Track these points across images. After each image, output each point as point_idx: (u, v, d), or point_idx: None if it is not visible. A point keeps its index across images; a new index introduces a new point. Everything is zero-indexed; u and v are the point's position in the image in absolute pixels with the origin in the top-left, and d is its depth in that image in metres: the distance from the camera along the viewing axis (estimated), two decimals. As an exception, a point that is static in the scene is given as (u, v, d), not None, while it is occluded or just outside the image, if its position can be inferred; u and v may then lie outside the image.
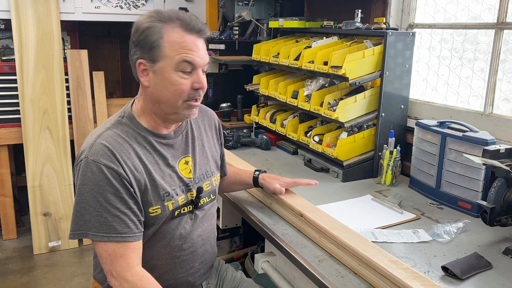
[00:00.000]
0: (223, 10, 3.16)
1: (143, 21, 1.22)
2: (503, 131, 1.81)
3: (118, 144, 1.23)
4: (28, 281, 2.79)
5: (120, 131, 1.26)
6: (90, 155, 1.19)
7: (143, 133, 1.30)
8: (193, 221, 1.39)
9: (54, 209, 3.11)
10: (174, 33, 1.21)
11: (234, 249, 2.76)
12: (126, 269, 1.19)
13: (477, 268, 1.32)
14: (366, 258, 1.25)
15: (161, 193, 1.29)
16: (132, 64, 1.27)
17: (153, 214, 1.28)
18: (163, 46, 1.20)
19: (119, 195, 1.19)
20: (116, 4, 3.21)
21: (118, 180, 1.19)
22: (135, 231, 1.22)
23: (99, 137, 1.23)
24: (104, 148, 1.20)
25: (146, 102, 1.30)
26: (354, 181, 2.06)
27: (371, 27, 2.10)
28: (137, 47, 1.23)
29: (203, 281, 1.50)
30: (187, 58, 1.21)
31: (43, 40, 2.97)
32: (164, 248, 1.34)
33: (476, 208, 1.67)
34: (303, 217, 1.53)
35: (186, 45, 1.21)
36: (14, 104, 3.06)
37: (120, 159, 1.20)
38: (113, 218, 1.18)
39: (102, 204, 1.17)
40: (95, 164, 1.18)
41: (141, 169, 1.25)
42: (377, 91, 2.07)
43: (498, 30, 1.85)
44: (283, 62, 2.42)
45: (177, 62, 1.21)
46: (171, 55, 1.21)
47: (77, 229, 1.19)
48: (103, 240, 1.18)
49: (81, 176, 1.19)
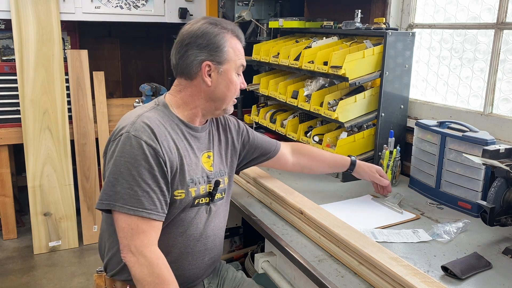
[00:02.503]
0: (223, 10, 3.16)
1: (209, 27, 1.36)
2: (503, 131, 1.81)
3: (157, 125, 1.31)
4: (28, 281, 2.79)
5: (157, 115, 1.35)
6: (132, 130, 1.27)
7: (176, 121, 1.39)
8: (208, 215, 1.44)
9: (54, 209, 3.11)
10: (233, 40, 1.40)
11: (234, 249, 2.76)
12: (146, 245, 1.23)
13: (477, 268, 1.32)
14: (366, 255, 1.25)
15: (187, 178, 1.36)
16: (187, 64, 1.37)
17: (177, 197, 1.34)
18: (228, 51, 1.38)
19: (153, 172, 1.25)
20: (116, 4, 3.21)
21: (154, 158, 1.26)
22: (159, 210, 1.27)
23: (141, 117, 1.31)
24: (145, 126, 1.28)
25: (194, 98, 1.41)
26: (354, 181, 2.06)
27: (371, 27, 2.10)
28: (204, 50, 1.35)
29: (205, 279, 1.52)
30: (243, 62, 1.44)
31: (43, 40, 2.97)
32: (180, 235, 1.38)
33: (476, 208, 1.67)
34: (303, 214, 1.54)
35: (241, 51, 1.43)
36: (14, 104, 3.06)
37: (159, 139, 1.28)
38: (142, 193, 1.24)
39: (135, 178, 1.23)
40: (135, 139, 1.25)
41: (175, 151, 1.33)
42: (377, 91, 2.07)
43: (497, 30, 1.85)
44: (283, 62, 2.42)
45: (238, 66, 1.42)
46: (234, 59, 1.40)
47: (106, 199, 1.24)
48: (129, 212, 1.23)
49: (120, 149, 1.25)
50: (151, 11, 3.32)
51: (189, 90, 1.40)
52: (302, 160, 1.81)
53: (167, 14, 3.37)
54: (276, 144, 1.75)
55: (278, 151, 1.74)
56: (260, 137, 1.71)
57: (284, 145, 1.79)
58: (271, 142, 1.74)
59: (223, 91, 1.40)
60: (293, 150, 1.82)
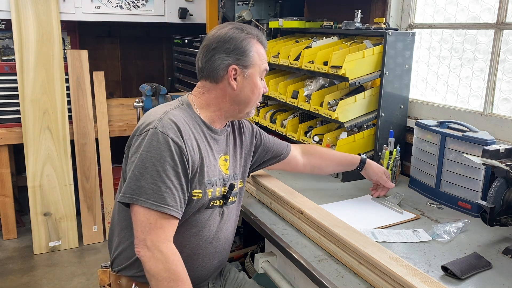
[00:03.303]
0: (223, 10, 3.16)
1: (236, 33, 1.39)
2: (502, 131, 1.81)
3: (182, 124, 1.33)
4: (28, 281, 2.79)
5: (182, 114, 1.37)
6: (159, 126, 1.28)
7: (198, 122, 1.41)
8: (221, 218, 1.45)
9: (54, 209, 3.12)
10: (258, 45, 1.43)
11: (234, 249, 2.76)
12: (163, 240, 1.24)
13: (477, 268, 1.32)
14: (365, 255, 1.25)
15: (206, 179, 1.37)
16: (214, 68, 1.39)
17: (194, 197, 1.35)
18: (253, 55, 1.41)
19: (177, 169, 1.27)
20: (116, 4, 3.21)
21: (179, 155, 1.28)
22: (179, 207, 1.28)
23: (168, 114, 1.33)
24: (172, 123, 1.30)
25: (219, 100, 1.43)
26: (354, 181, 2.06)
27: (371, 27, 2.10)
28: (231, 54, 1.38)
29: (210, 280, 1.53)
30: (267, 67, 1.47)
31: (43, 40, 2.97)
32: (194, 236, 1.39)
33: (476, 208, 1.67)
34: (303, 214, 1.54)
35: (265, 56, 1.46)
36: (14, 104, 3.06)
37: (184, 137, 1.30)
38: (166, 189, 1.25)
39: (159, 174, 1.25)
40: (162, 136, 1.27)
41: (197, 151, 1.35)
42: (377, 91, 2.07)
43: (497, 30, 1.85)
44: (283, 62, 2.42)
45: (262, 70, 1.45)
46: (259, 63, 1.43)
47: (130, 192, 1.25)
48: (151, 207, 1.23)
49: (147, 144, 1.27)
50: (151, 11, 3.33)
51: (213, 93, 1.42)
52: (312, 160, 1.82)
53: (167, 14, 3.37)
54: (286, 146, 1.76)
55: (289, 153, 1.76)
56: (271, 140, 1.72)
57: (294, 147, 1.81)
58: (282, 144, 1.75)
59: (248, 95, 1.43)
60: (303, 151, 1.83)
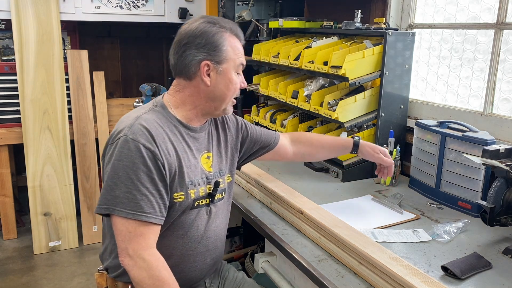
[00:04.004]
0: (223, 10, 3.16)
1: (207, 26, 1.34)
2: (502, 131, 1.81)
3: (155, 127, 1.29)
4: (28, 281, 2.79)
5: (155, 117, 1.34)
6: (130, 133, 1.25)
7: (174, 122, 1.38)
8: (208, 216, 1.43)
9: (54, 209, 3.11)
10: (232, 39, 1.38)
11: (234, 249, 2.76)
12: (144, 248, 1.22)
13: (477, 268, 1.32)
14: (366, 255, 1.25)
15: (186, 180, 1.34)
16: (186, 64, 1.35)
17: (177, 200, 1.33)
18: (226, 50, 1.35)
19: (151, 175, 1.24)
20: (116, 4, 3.21)
21: (152, 161, 1.25)
22: (158, 214, 1.26)
23: (138, 119, 1.29)
24: (143, 128, 1.26)
25: (194, 98, 1.39)
26: (354, 181, 2.06)
27: (371, 27, 2.11)
28: (202, 49, 1.33)
29: (207, 279, 1.52)
30: (243, 61, 1.41)
31: (43, 40, 2.97)
32: (181, 238, 1.38)
33: (476, 208, 1.67)
34: (303, 214, 1.54)
35: (241, 50, 1.41)
36: (14, 104, 3.06)
37: (157, 141, 1.27)
38: (141, 197, 1.23)
39: (133, 182, 1.22)
40: (133, 143, 1.24)
41: (173, 154, 1.32)
42: (377, 91, 2.07)
43: (497, 30, 1.85)
44: (283, 62, 2.42)
45: (237, 65, 1.39)
46: (233, 58, 1.37)
47: (105, 203, 1.23)
48: (128, 216, 1.22)
49: (118, 153, 1.24)
50: (151, 11, 3.32)
51: (188, 90, 1.39)
52: (302, 148, 1.79)
53: (167, 14, 3.37)
54: (275, 135, 1.73)
55: (278, 142, 1.72)
56: (258, 130, 1.69)
57: (283, 135, 1.78)
58: (270, 133, 1.72)
59: (223, 91, 1.38)
60: (292, 139, 1.80)
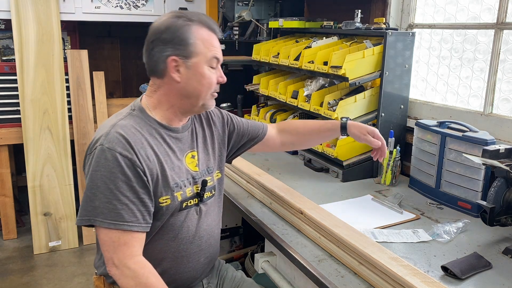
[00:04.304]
0: (223, 10, 3.16)
1: (172, 21, 1.29)
2: (502, 131, 1.81)
3: (133, 133, 1.26)
4: (28, 281, 2.79)
5: (133, 122, 1.31)
6: (106, 142, 1.22)
7: (154, 125, 1.34)
8: (199, 215, 1.42)
9: (54, 209, 3.11)
10: (202, 31, 1.31)
11: (234, 249, 2.76)
12: (129, 257, 1.21)
13: (477, 268, 1.32)
14: (366, 255, 1.25)
15: (171, 183, 1.32)
16: (155, 62, 1.31)
17: (163, 204, 1.30)
18: (195, 43, 1.29)
19: (130, 184, 1.22)
20: (116, 4, 3.21)
21: (131, 168, 1.22)
22: (141, 221, 1.24)
23: (114, 126, 1.26)
24: (119, 136, 1.23)
25: (168, 97, 1.35)
26: (354, 181, 2.06)
27: (371, 27, 2.11)
28: (168, 44, 1.28)
29: (204, 279, 1.51)
30: (216, 55, 1.34)
31: (43, 40, 2.97)
32: (172, 240, 1.36)
33: (476, 208, 1.67)
34: (303, 214, 1.54)
35: (213, 42, 1.33)
36: (14, 104, 3.06)
37: (134, 148, 1.24)
38: (121, 206, 1.21)
39: (112, 191, 1.20)
40: (109, 152, 1.21)
41: (153, 159, 1.29)
42: (377, 91, 2.07)
43: (497, 30, 1.85)
44: (283, 62, 2.42)
45: (209, 58, 1.32)
46: (204, 51, 1.31)
47: (86, 214, 1.21)
48: (110, 227, 1.20)
49: (95, 163, 1.22)
50: (151, 11, 3.32)
51: (162, 89, 1.35)
52: (289, 137, 1.73)
53: (167, 14, 3.37)
54: (262, 126, 1.69)
55: (266, 133, 1.68)
56: (245, 123, 1.65)
57: (270, 126, 1.74)
58: (257, 125, 1.68)
59: (195, 87, 1.32)
60: (279, 129, 1.75)
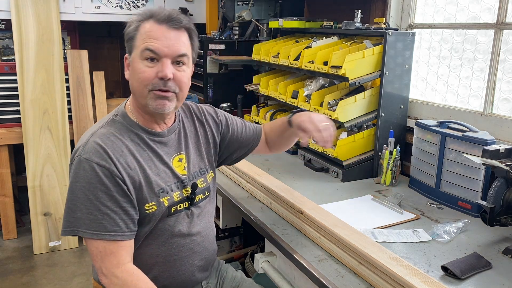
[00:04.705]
0: (223, 10, 3.16)
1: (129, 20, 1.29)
2: (502, 131, 1.81)
3: (111, 142, 1.24)
4: (28, 281, 2.79)
5: (113, 129, 1.28)
6: (83, 153, 1.21)
7: (137, 130, 1.31)
8: (190, 219, 1.39)
9: (54, 209, 3.11)
10: (146, 24, 1.25)
11: (234, 249, 2.76)
12: (116, 266, 1.20)
13: (477, 268, 1.32)
14: (366, 255, 1.25)
15: (156, 189, 1.29)
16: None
17: (149, 211, 1.28)
18: (136, 37, 1.25)
19: (110, 193, 1.20)
20: (116, 4, 3.21)
21: (110, 178, 1.20)
22: (124, 230, 1.22)
23: (93, 136, 1.25)
24: (97, 146, 1.21)
25: (132, 97, 1.33)
26: (354, 181, 2.06)
27: (371, 27, 2.11)
28: (124, 43, 1.29)
29: (203, 280, 1.50)
30: (150, 46, 1.22)
31: (43, 40, 2.97)
32: (163, 245, 1.34)
33: (476, 208, 1.67)
34: (303, 214, 1.54)
35: (152, 34, 1.23)
36: (14, 104, 3.06)
37: (113, 157, 1.21)
38: (102, 216, 1.19)
39: (92, 202, 1.19)
40: (87, 163, 1.19)
41: (134, 166, 1.26)
42: (377, 91, 2.07)
43: (497, 30, 1.85)
44: (283, 62, 2.42)
45: (142, 50, 1.23)
46: (139, 44, 1.24)
47: (68, 226, 1.20)
48: (93, 237, 1.19)
49: (74, 174, 1.21)
50: (151, 11, 3.32)
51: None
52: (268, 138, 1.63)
53: (167, 14, 3.37)
54: (257, 131, 1.61)
55: (260, 139, 1.61)
56: (240, 128, 1.57)
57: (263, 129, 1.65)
58: (252, 130, 1.60)
59: (132, 83, 1.28)
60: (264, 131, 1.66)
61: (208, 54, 2.96)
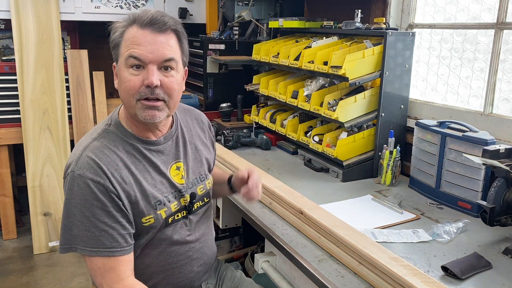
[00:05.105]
0: (223, 10, 3.16)
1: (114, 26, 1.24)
2: (503, 131, 1.81)
3: (105, 156, 1.20)
4: (28, 281, 2.79)
5: (107, 140, 1.23)
6: (77, 169, 1.17)
7: (131, 140, 1.26)
8: (189, 227, 1.37)
9: (54, 209, 3.11)
10: (130, 30, 1.19)
11: (234, 249, 2.76)
12: (117, 281, 1.18)
13: (477, 268, 1.32)
14: (366, 255, 1.25)
15: (153, 202, 1.26)
16: None
17: (146, 224, 1.25)
18: (121, 44, 1.20)
19: (106, 209, 1.17)
20: (116, 4, 3.21)
21: (105, 194, 1.16)
22: (123, 245, 1.19)
23: (86, 149, 1.20)
24: (90, 161, 1.17)
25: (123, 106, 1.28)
26: (354, 181, 2.06)
27: (371, 27, 2.11)
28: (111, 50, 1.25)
29: (203, 282, 1.49)
30: (133, 53, 1.16)
31: (43, 40, 2.97)
32: (161, 254, 1.32)
33: (476, 208, 1.67)
34: (303, 214, 1.54)
35: (135, 40, 1.17)
36: (14, 104, 3.06)
37: (107, 172, 1.17)
38: (100, 233, 1.16)
39: (89, 219, 1.15)
40: (81, 179, 1.15)
41: (130, 180, 1.22)
42: (377, 91, 2.07)
43: (498, 30, 1.85)
44: (283, 62, 2.42)
45: (126, 58, 1.18)
46: (123, 52, 1.19)
47: (66, 243, 1.18)
48: (92, 254, 1.16)
49: (68, 191, 1.17)
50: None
51: None
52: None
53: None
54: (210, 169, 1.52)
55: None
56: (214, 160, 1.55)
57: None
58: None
59: (121, 93, 1.22)
60: None
61: (208, 54, 2.96)
